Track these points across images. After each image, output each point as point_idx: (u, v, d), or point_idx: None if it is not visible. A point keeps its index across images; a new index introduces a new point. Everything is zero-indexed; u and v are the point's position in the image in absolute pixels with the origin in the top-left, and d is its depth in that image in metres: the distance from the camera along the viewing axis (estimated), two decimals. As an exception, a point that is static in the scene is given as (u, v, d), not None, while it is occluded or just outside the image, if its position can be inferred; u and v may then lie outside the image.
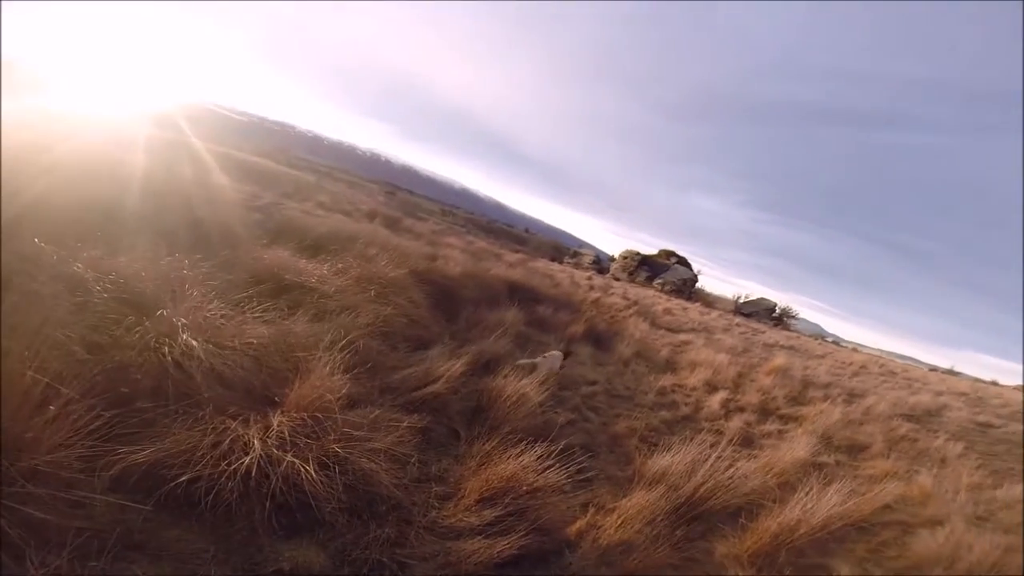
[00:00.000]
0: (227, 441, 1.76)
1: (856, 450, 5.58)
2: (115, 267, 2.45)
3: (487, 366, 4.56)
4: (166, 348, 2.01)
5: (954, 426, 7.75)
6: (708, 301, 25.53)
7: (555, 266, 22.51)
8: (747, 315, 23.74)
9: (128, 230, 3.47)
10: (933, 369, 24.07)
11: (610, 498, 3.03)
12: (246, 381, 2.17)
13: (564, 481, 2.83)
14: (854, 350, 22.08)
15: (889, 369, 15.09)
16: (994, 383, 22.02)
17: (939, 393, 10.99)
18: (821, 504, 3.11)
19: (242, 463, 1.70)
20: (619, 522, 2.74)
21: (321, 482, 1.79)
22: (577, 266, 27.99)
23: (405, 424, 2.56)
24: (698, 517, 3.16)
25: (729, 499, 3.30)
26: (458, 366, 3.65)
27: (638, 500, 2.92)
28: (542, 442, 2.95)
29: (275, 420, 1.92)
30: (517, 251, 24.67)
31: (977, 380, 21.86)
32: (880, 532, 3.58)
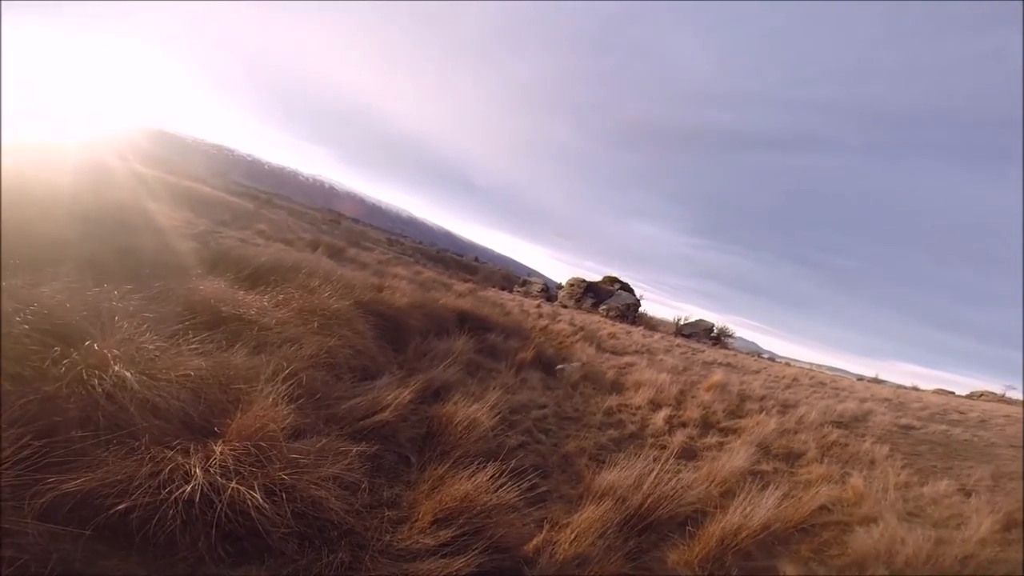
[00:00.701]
0: (166, 470, 1.68)
1: (792, 457, 5.82)
2: (37, 297, 2.31)
3: (437, 394, 4.56)
4: (96, 380, 1.90)
5: (879, 430, 8.12)
6: (651, 324, 26.48)
7: (505, 295, 22.63)
8: (687, 336, 24.79)
9: (50, 258, 3.26)
10: (860, 378, 25.71)
11: (563, 514, 3.08)
12: (183, 412, 2.08)
13: (518, 500, 2.89)
14: (787, 364, 23.41)
15: (819, 380, 16.05)
16: (915, 388, 23.95)
17: (864, 400, 11.59)
18: (758, 508, 3.26)
19: (183, 491, 1.63)
20: (573, 537, 2.80)
21: (268, 509, 1.74)
22: (527, 294, 28.35)
23: (354, 452, 2.52)
24: (648, 528, 3.27)
25: (675, 509, 3.43)
26: (406, 394, 3.64)
27: (589, 515, 3.01)
28: (494, 463, 3.00)
29: (217, 449, 1.86)
30: (467, 280, 24.69)
31: (899, 386, 23.71)
32: (821, 532, 3.74)
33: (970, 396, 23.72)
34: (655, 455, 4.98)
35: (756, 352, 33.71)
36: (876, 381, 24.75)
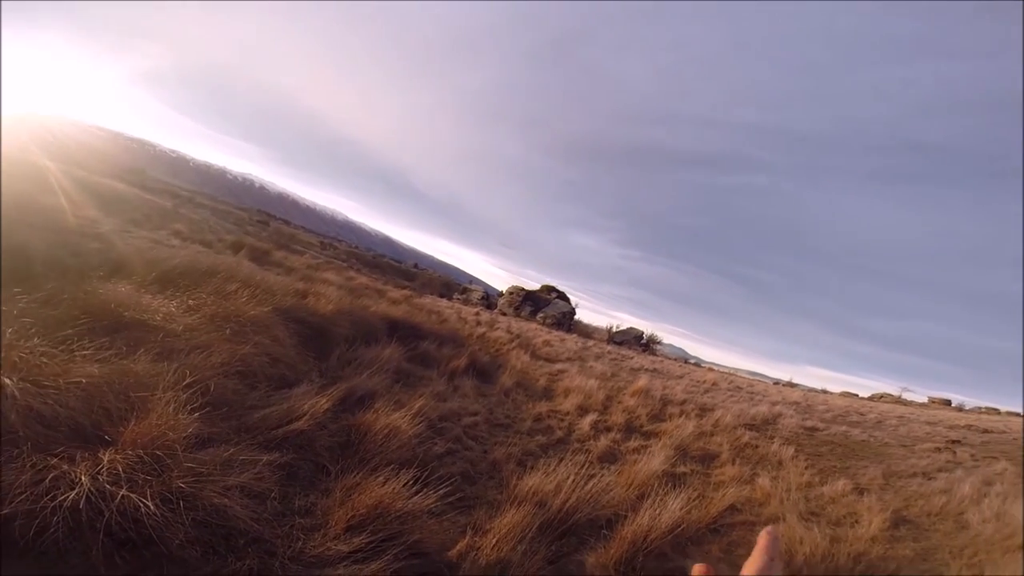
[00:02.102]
0: (48, 478, 1.58)
1: (708, 459, 6.11)
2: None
3: (361, 402, 4.50)
4: (-32, 388, 1.76)
5: (787, 432, 8.61)
6: (585, 332, 27.25)
7: (443, 302, 22.44)
8: (619, 343, 25.73)
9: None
10: (776, 382, 27.59)
11: (488, 519, 3.13)
12: (72, 420, 1.95)
13: (442, 506, 2.94)
14: (709, 369, 24.82)
15: (736, 384, 17.09)
16: (823, 391, 26.11)
17: (775, 403, 12.27)
18: (666, 511, 3.42)
19: (67, 497, 1.54)
20: (495, 542, 2.87)
21: (164, 517, 1.69)
22: (466, 302, 28.31)
23: (264, 461, 2.47)
24: (568, 531, 3.38)
25: (594, 512, 3.56)
26: (324, 402, 3.57)
27: (510, 519, 3.07)
28: (413, 469, 3.02)
29: (105, 457, 1.77)
30: (403, 287, 24.28)
31: (810, 390, 25.76)
32: (730, 532, 3.90)
33: (871, 398, 26.26)
34: (579, 460, 5.21)
35: (683, 358, 35.50)
36: (789, 385, 26.77)
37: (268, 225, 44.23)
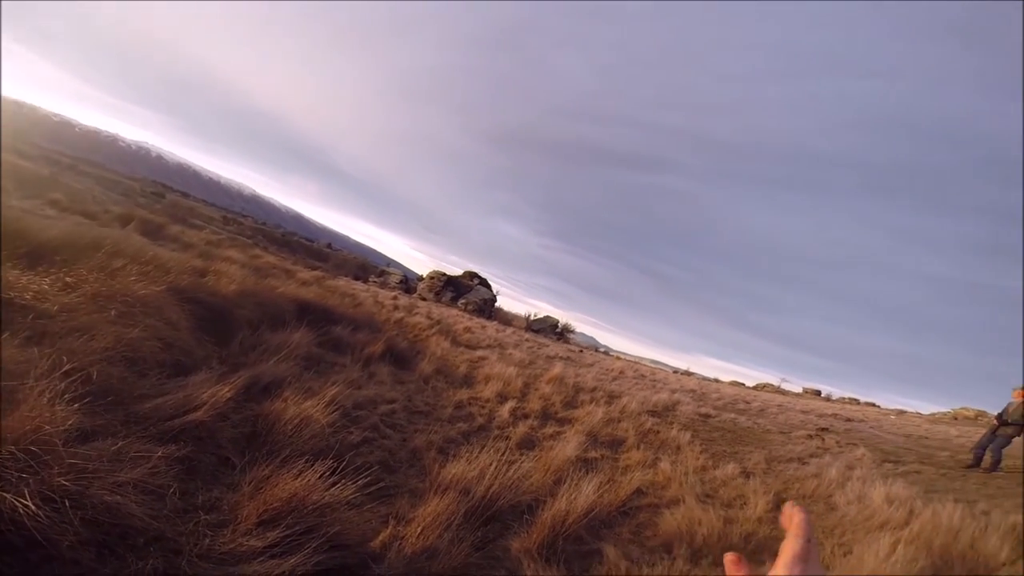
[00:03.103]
0: None
1: (616, 444, 6.44)
2: None
3: (267, 390, 4.24)
4: None
5: (684, 418, 9.31)
6: (506, 319, 27.61)
7: (359, 285, 21.63)
8: (536, 331, 26.38)
9: None
10: (676, 371, 29.78)
11: (411, 508, 3.11)
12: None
13: (362, 496, 2.87)
14: (618, 358, 26.23)
15: (640, 372, 18.23)
16: (716, 380, 28.55)
17: (674, 391, 13.19)
18: (580, 495, 3.53)
19: None
20: (419, 530, 2.86)
21: (48, 517, 1.49)
22: (383, 285, 27.44)
23: (159, 455, 2.25)
24: (492, 518, 3.43)
25: (516, 498, 3.65)
26: (226, 391, 3.31)
27: (435, 508, 3.06)
28: (328, 461, 2.91)
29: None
30: (315, 268, 23.08)
31: (704, 378, 28.06)
32: (638, 515, 4.10)
33: (756, 387, 29.18)
34: (500, 447, 5.28)
35: (595, 347, 37.17)
36: (687, 374, 29.02)
37: (164, 197, 39.88)
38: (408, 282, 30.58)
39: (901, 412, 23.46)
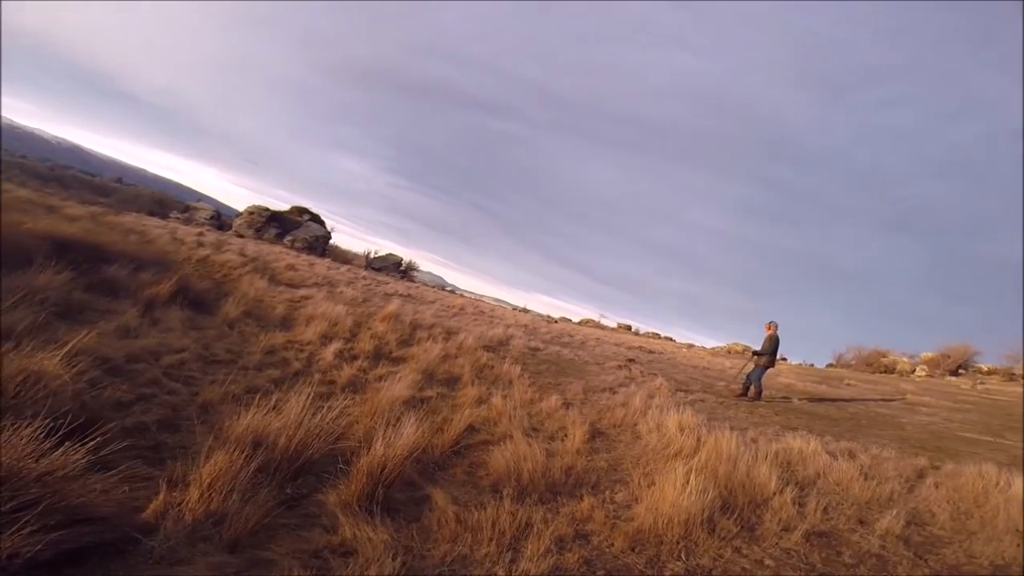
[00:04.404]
0: None
1: (453, 381, 6.36)
2: None
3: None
4: None
5: (516, 352, 9.65)
6: (344, 258, 25.87)
7: (154, 221, 18.27)
8: (378, 269, 25.32)
9: None
10: (515, 308, 31.48)
11: (195, 470, 2.64)
12: None
13: (119, 459, 2.50)
14: (462, 296, 26.74)
15: (480, 309, 18.79)
16: (548, 317, 30.87)
17: (509, 326, 13.77)
18: (400, 438, 3.20)
19: None
20: (198, 494, 2.48)
21: None
22: (188, 222, 23.38)
23: None
24: (303, 470, 3.08)
25: (335, 446, 3.34)
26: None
27: (216, 466, 2.62)
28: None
29: None
30: (94, 203, 18.83)
31: (538, 315, 30.13)
32: (471, 453, 4.00)
33: (580, 323, 32.36)
34: (318, 392, 4.79)
35: (441, 285, 37.35)
36: (524, 311, 30.90)
37: None
38: (221, 218, 26.52)
39: (691, 346, 28.37)
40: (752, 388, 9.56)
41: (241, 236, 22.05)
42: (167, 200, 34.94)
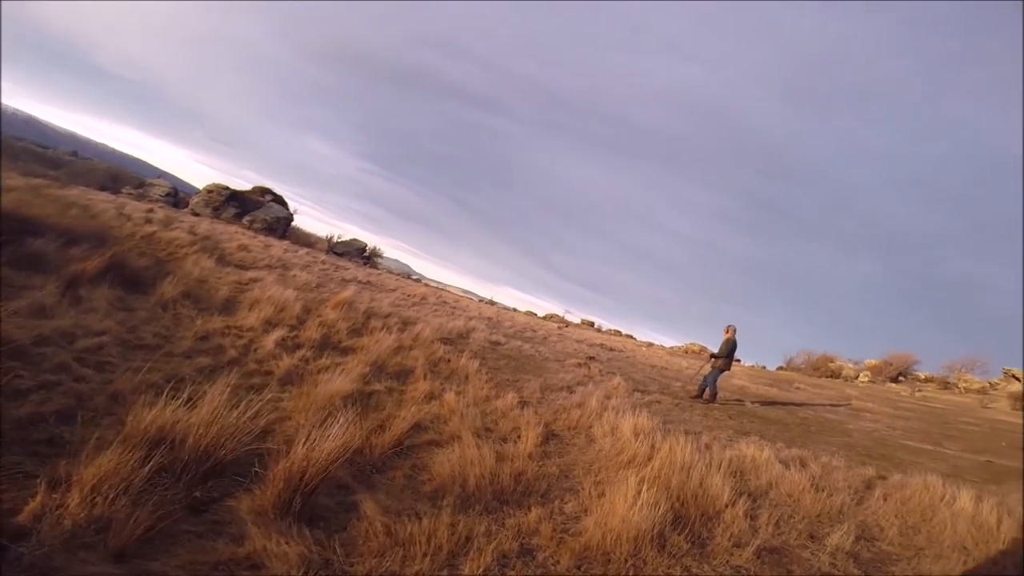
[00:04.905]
0: None
1: (405, 375, 5.97)
2: None
3: None
4: None
5: (476, 346, 9.31)
6: (306, 241, 24.98)
7: (103, 196, 17.25)
8: (340, 254, 24.54)
9: None
10: (483, 300, 31.12)
11: (79, 470, 2.33)
12: None
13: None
14: (425, 285, 26.21)
15: (443, 299, 18.38)
16: (514, 310, 30.68)
17: (471, 318, 13.41)
18: (326, 439, 2.86)
19: None
20: (79, 498, 2.20)
21: None
22: (142, 198, 22.03)
23: None
24: (216, 472, 2.75)
25: (254, 445, 3.00)
26: None
27: (102, 467, 2.32)
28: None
29: None
30: (43, 176, 17.70)
31: (505, 308, 29.91)
32: (415, 454, 3.71)
33: (545, 317, 32.32)
34: (253, 384, 4.43)
35: (407, 273, 36.61)
36: (490, 303, 30.59)
37: None
38: (178, 195, 25.12)
39: (650, 344, 28.76)
40: (707, 391, 9.65)
41: (196, 215, 20.92)
42: (123, 175, 33.05)
